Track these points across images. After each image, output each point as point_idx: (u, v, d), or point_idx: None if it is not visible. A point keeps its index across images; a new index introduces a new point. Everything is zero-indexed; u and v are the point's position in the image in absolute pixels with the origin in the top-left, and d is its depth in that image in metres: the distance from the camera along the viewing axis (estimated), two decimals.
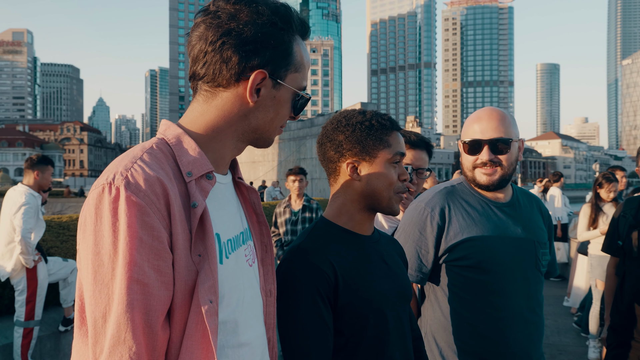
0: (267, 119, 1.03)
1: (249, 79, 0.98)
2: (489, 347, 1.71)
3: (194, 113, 1.03)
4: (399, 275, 1.44)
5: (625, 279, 2.61)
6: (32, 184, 4.26)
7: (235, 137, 1.04)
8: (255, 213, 1.18)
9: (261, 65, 0.98)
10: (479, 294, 1.73)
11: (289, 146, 38.22)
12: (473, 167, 1.79)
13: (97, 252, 0.83)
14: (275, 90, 1.02)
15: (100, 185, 0.86)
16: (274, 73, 1.00)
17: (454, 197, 1.83)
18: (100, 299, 0.82)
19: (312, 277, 1.25)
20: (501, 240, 1.74)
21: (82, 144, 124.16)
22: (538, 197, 1.94)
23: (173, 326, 0.88)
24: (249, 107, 1.01)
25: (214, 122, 1.01)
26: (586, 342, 5.20)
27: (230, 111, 1.01)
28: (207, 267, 0.91)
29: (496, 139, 1.74)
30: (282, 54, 1.00)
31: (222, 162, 1.05)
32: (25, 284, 4.11)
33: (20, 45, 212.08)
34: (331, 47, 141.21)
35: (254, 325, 1.07)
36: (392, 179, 1.37)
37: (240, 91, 1.00)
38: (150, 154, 0.92)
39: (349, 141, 1.36)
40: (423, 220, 1.80)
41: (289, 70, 1.02)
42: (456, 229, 1.76)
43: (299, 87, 1.05)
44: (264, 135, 1.06)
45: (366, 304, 1.31)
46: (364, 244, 1.39)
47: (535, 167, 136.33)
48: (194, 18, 1.01)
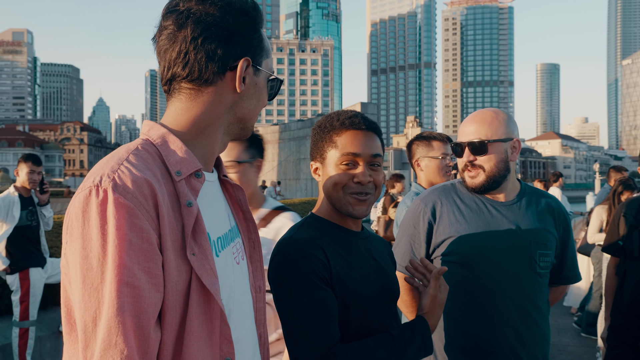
0: (252, 107, 1.05)
1: (235, 70, 1.00)
2: (474, 344, 1.72)
3: (176, 111, 1.02)
4: (387, 272, 1.44)
5: (626, 279, 2.61)
6: (17, 184, 4.32)
7: (222, 130, 1.04)
8: (241, 210, 1.18)
9: (244, 54, 1.01)
10: (466, 290, 1.74)
11: (289, 146, 38.20)
12: (462, 169, 1.84)
13: (85, 255, 0.82)
14: (256, 77, 1.04)
15: (87, 187, 0.85)
16: (254, 60, 1.03)
17: (449, 194, 1.86)
18: (90, 303, 0.81)
19: (309, 265, 1.26)
20: (490, 239, 1.74)
21: (82, 144, 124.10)
22: (556, 199, 1.93)
23: (165, 328, 0.87)
24: (234, 98, 1.02)
25: (201, 118, 1.01)
26: (596, 354, 5.10)
27: (217, 105, 1.01)
28: (207, 265, 0.91)
29: (470, 142, 1.77)
30: (256, 41, 1.03)
31: (210, 158, 1.05)
32: (18, 284, 4.13)
33: (20, 45, 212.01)
34: (331, 47, 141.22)
35: (245, 321, 1.07)
36: (338, 179, 1.35)
37: (227, 83, 1.01)
38: (136, 155, 0.91)
39: (311, 145, 1.44)
40: (417, 215, 1.86)
41: (262, 57, 1.05)
42: (445, 225, 1.79)
43: (271, 71, 1.08)
44: (248, 124, 1.07)
45: (354, 296, 1.31)
46: (353, 239, 1.40)
47: (535, 167, 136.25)
48: (162, 20, 1.00)
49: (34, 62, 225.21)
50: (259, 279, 1.19)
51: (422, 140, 2.80)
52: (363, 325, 1.32)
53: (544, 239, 1.80)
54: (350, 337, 1.30)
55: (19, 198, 4.29)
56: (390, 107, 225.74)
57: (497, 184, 1.79)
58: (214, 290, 0.90)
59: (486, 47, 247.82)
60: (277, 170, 39.01)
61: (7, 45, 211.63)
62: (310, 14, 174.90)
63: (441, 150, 2.75)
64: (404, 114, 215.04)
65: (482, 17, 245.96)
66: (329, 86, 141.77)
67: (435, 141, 2.77)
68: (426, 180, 2.79)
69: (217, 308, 0.92)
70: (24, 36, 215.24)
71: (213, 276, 0.91)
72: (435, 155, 2.74)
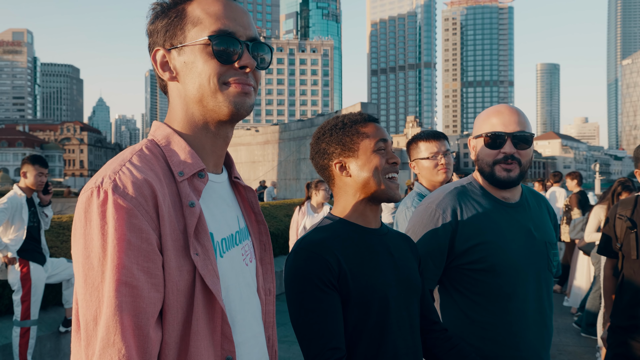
0: (195, 84, 1.00)
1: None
2: (500, 352, 1.67)
3: (170, 114, 1.06)
4: (405, 267, 1.46)
5: (624, 281, 2.62)
6: (22, 185, 4.29)
7: (195, 119, 1.03)
8: (253, 212, 1.18)
9: (158, 44, 1.03)
10: (492, 298, 1.68)
11: (289, 146, 38.20)
12: (494, 162, 1.71)
13: (87, 255, 0.84)
14: (182, 56, 1.01)
15: (89, 189, 0.87)
16: (171, 43, 1.01)
17: (466, 197, 1.76)
18: (91, 302, 0.82)
19: (314, 266, 1.30)
20: (514, 242, 1.69)
21: (82, 144, 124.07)
22: (544, 197, 1.95)
23: (166, 328, 0.87)
24: (180, 87, 1.02)
25: (180, 115, 1.03)
26: (596, 354, 5.07)
27: (176, 98, 1.03)
28: (209, 265, 0.92)
29: (520, 132, 1.68)
30: (173, 22, 1.01)
31: (203, 152, 1.03)
32: (19, 283, 4.13)
33: (20, 45, 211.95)
34: (331, 47, 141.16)
35: (251, 324, 1.07)
36: (377, 163, 1.42)
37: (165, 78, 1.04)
38: (139, 156, 0.94)
39: (330, 145, 1.46)
40: (434, 222, 1.73)
41: (185, 30, 1.01)
42: (470, 230, 1.70)
43: (207, 35, 0.99)
44: (211, 101, 1.00)
45: (370, 292, 1.35)
46: (370, 236, 1.44)
47: (535, 167, 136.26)
48: None
49: (34, 62, 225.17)
50: (269, 282, 1.19)
51: (412, 143, 2.80)
52: (381, 319, 1.36)
53: (553, 238, 1.81)
54: (370, 329, 1.35)
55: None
56: (390, 107, 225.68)
57: (521, 181, 1.74)
58: (215, 291, 0.91)
59: (486, 47, 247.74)
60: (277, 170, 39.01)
61: (7, 45, 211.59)
62: (310, 14, 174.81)
63: (429, 150, 2.70)
64: (404, 114, 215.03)
65: (482, 17, 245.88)
66: (329, 86, 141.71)
67: (421, 142, 2.73)
68: (425, 180, 2.77)
69: (219, 308, 0.92)
70: (24, 36, 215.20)
71: (215, 277, 0.92)
72: (423, 156, 2.72)
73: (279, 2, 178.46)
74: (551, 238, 1.79)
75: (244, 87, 1.00)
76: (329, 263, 1.30)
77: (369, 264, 1.38)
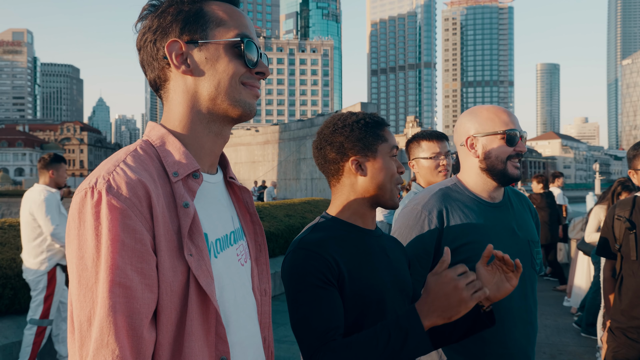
0: (214, 82, 1.01)
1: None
2: (489, 350, 1.69)
3: (167, 112, 1.04)
4: (400, 270, 1.47)
5: (623, 282, 2.62)
6: (49, 182, 4.35)
7: (201, 117, 1.02)
8: (248, 212, 1.18)
9: (173, 35, 1.01)
10: None
11: (289, 146, 38.20)
12: (507, 159, 1.74)
13: (80, 256, 0.83)
14: (203, 52, 1.01)
15: (83, 189, 0.86)
16: (191, 37, 1.00)
17: (451, 198, 1.78)
18: (85, 303, 0.82)
19: (314, 265, 1.29)
20: (499, 241, 1.71)
21: (82, 144, 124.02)
22: (525, 196, 1.99)
23: (160, 328, 0.87)
24: (189, 83, 1.01)
25: (181, 112, 1.02)
26: (596, 354, 5.07)
27: (180, 93, 1.02)
28: (203, 265, 0.92)
29: (525, 133, 1.76)
30: (191, 18, 1.01)
31: (201, 152, 1.03)
32: (45, 283, 4.15)
33: (20, 45, 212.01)
34: (331, 47, 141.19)
35: (246, 324, 1.06)
36: (393, 170, 1.42)
37: (175, 72, 1.02)
38: (134, 156, 0.93)
39: (349, 141, 1.41)
40: (420, 223, 1.74)
41: (208, 28, 1.01)
42: (456, 231, 1.72)
43: (231, 37, 1.02)
44: (225, 100, 1.02)
45: (369, 292, 1.34)
46: (367, 237, 1.43)
47: (535, 167, 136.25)
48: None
49: (34, 62, 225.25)
50: (264, 282, 1.19)
51: (413, 141, 2.78)
52: (378, 321, 1.33)
53: (535, 236, 1.84)
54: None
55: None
56: (390, 107, 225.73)
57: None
58: (209, 291, 0.91)
59: (486, 47, 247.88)
60: (277, 170, 39.03)
61: (7, 45, 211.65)
62: (310, 14, 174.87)
63: (431, 149, 2.69)
64: (404, 114, 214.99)
65: (482, 17, 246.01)
66: (329, 86, 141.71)
67: (424, 141, 2.71)
68: (423, 180, 2.76)
69: (213, 308, 0.92)
70: (24, 36, 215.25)
71: (209, 277, 0.92)
72: (425, 156, 2.69)
73: (279, 2, 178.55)
74: (534, 236, 1.83)
75: (256, 91, 1.04)
76: (329, 262, 1.30)
77: (367, 265, 1.37)
